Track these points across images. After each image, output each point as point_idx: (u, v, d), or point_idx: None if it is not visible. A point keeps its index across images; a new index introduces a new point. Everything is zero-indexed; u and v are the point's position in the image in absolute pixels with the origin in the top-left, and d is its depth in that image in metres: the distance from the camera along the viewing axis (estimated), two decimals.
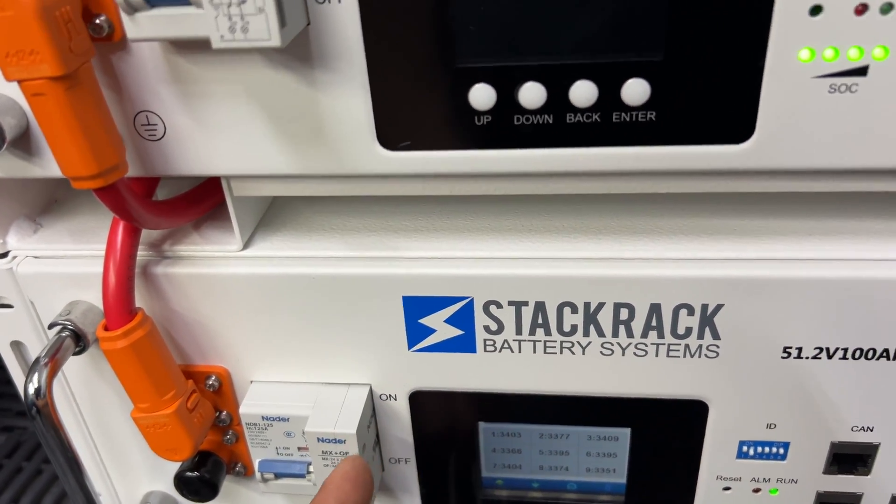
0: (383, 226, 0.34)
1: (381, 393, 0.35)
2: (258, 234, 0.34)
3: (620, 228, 0.32)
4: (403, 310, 0.32)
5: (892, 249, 0.30)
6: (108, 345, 0.31)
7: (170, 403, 0.33)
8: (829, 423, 0.33)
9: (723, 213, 0.33)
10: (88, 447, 0.39)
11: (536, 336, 0.32)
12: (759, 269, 0.30)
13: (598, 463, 0.37)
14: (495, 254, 0.32)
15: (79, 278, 0.33)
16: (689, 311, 0.31)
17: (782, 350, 0.31)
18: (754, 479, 0.35)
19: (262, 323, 0.34)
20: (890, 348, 0.31)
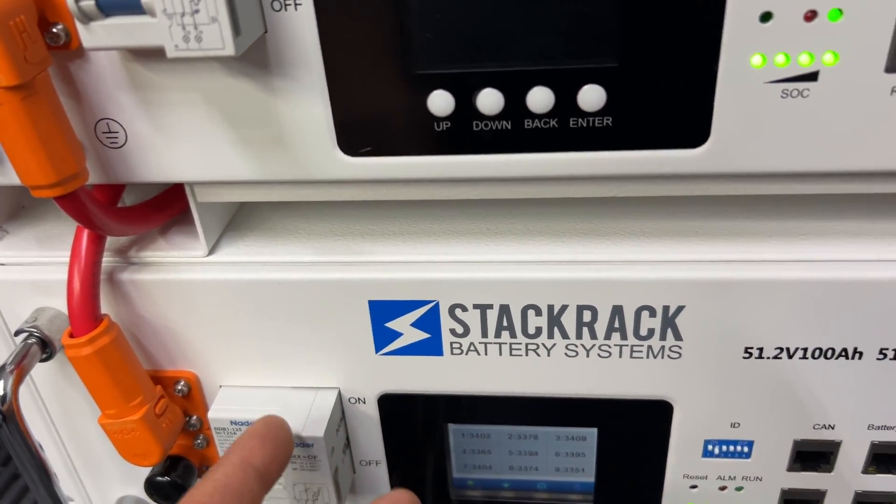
0: (349, 230, 0.34)
1: (349, 396, 0.35)
2: (224, 239, 0.34)
3: (583, 231, 0.33)
4: (370, 314, 0.33)
5: (848, 251, 0.30)
6: (73, 352, 0.31)
7: (137, 409, 0.33)
8: (791, 421, 0.33)
9: (684, 215, 0.33)
10: (60, 453, 0.39)
11: (502, 339, 0.33)
12: (720, 271, 0.30)
13: (566, 463, 0.37)
14: (460, 257, 0.32)
15: (45, 285, 0.33)
16: (650, 312, 0.31)
17: (744, 350, 0.32)
18: (720, 478, 0.36)
19: (229, 328, 0.34)
20: (848, 347, 0.31)
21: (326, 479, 0.34)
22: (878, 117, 0.26)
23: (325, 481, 0.34)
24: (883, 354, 0.31)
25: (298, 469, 0.34)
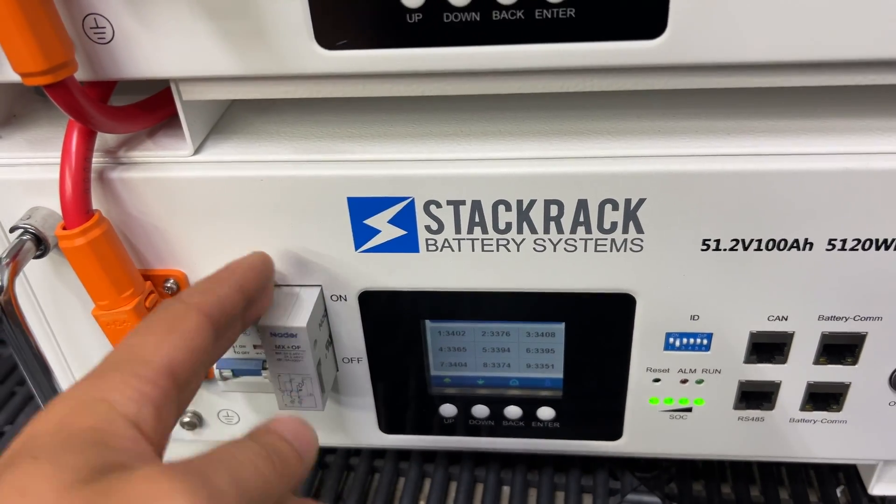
0: (329, 133, 0.36)
1: (331, 294, 0.37)
2: (209, 141, 0.36)
3: (551, 132, 0.34)
4: (349, 211, 0.34)
5: (798, 144, 0.32)
6: (66, 243, 0.33)
7: (128, 301, 0.35)
8: (747, 313, 0.36)
9: (647, 116, 0.35)
10: (54, 350, 0.41)
11: (474, 234, 0.34)
12: (679, 164, 0.32)
13: (536, 359, 0.39)
14: (434, 156, 0.33)
15: (38, 185, 0.35)
16: (613, 206, 0.33)
17: (702, 243, 0.34)
18: (681, 370, 0.38)
19: (214, 226, 0.35)
20: (799, 238, 0.33)
21: (310, 370, 0.36)
22: (840, 4, 0.27)
23: (309, 372, 0.36)
24: (832, 245, 0.33)
25: (283, 359, 0.36)
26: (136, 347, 0.26)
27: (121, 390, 0.24)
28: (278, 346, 0.36)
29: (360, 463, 0.49)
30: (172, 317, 0.28)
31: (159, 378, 0.25)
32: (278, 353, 0.36)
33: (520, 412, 0.41)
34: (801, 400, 0.38)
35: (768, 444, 0.41)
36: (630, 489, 0.46)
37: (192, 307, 0.29)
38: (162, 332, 0.27)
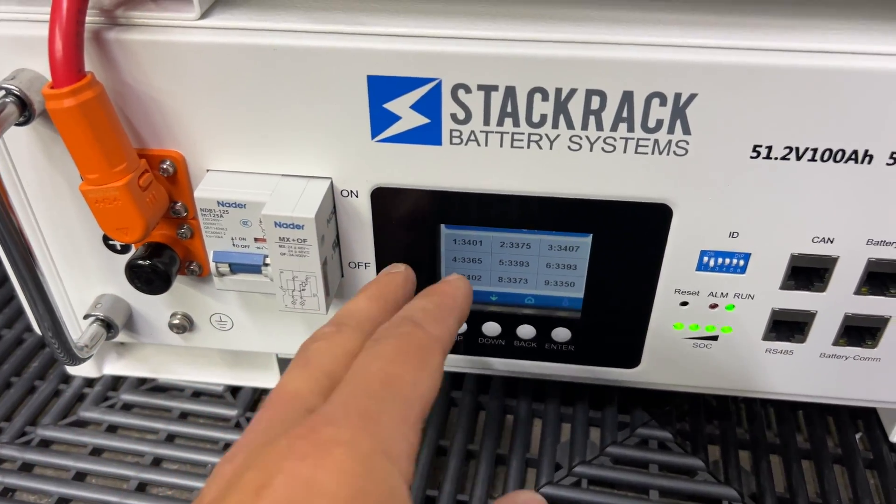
0: (352, 5, 0.32)
1: (342, 189, 0.34)
2: (217, 6, 0.32)
3: (597, 17, 0.31)
4: (368, 92, 0.31)
5: (870, 41, 0.29)
6: (54, 104, 0.29)
7: (120, 176, 0.31)
8: (790, 232, 0.33)
9: (704, 9, 0.31)
10: (39, 246, 0.38)
11: (504, 127, 0.32)
12: (737, 56, 0.29)
13: (557, 275, 0.37)
14: (466, 33, 0.30)
15: (26, 43, 0.32)
16: (661, 100, 0.30)
17: (752, 149, 0.31)
18: (712, 294, 0.36)
19: (218, 102, 0.32)
20: (859, 150, 0.30)
21: (315, 268, 0.34)
22: None
23: (314, 269, 0.34)
24: (893, 159, 0.30)
25: (287, 254, 0.33)
26: (396, 381, 0.23)
27: (397, 442, 0.21)
28: (282, 238, 0.33)
29: None
30: (421, 348, 0.25)
31: (420, 423, 0.23)
32: (282, 246, 0.33)
33: (533, 332, 0.39)
34: (836, 333, 0.36)
35: (794, 380, 0.38)
36: (640, 424, 0.43)
37: (435, 340, 0.26)
38: (417, 364, 0.24)
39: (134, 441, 0.43)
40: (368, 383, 0.23)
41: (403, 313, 0.27)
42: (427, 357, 0.25)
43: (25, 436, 0.44)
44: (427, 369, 0.24)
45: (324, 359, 0.25)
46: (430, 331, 0.26)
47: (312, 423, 0.21)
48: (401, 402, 0.23)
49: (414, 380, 0.24)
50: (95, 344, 0.39)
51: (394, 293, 0.31)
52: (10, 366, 0.48)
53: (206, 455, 0.42)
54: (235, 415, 0.45)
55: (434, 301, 0.29)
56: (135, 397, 0.46)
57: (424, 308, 0.28)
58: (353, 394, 0.22)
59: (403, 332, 0.26)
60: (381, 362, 0.24)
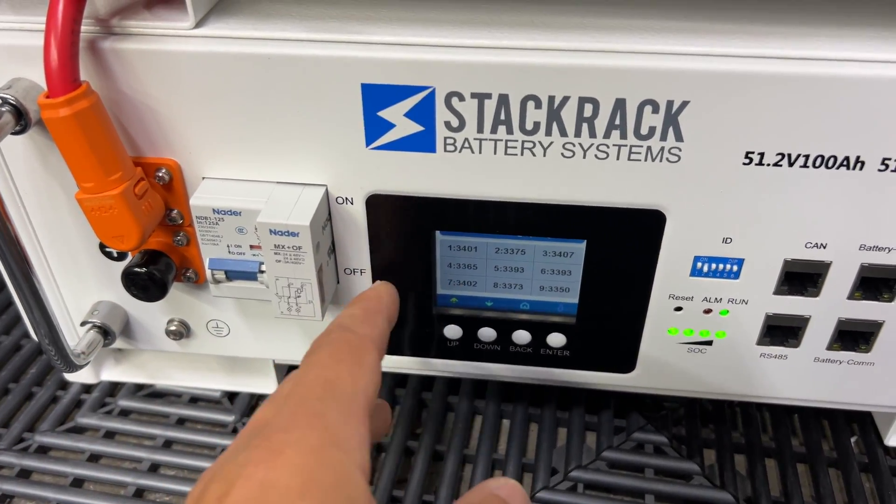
0: (346, 14, 0.32)
1: (337, 196, 0.35)
2: (212, 16, 0.32)
3: (590, 25, 0.31)
4: (362, 100, 0.31)
5: (862, 50, 0.29)
6: (49, 113, 0.30)
7: (116, 184, 0.32)
8: (783, 238, 0.33)
9: (696, 16, 0.32)
10: (36, 253, 0.38)
11: (498, 135, 0.32)
12: (729, 63, 0.29)
13: (552, 281, 0.37)
14: (460, 42, 0.30)
15: (22, 52, 0.32)
16: (653, 108, 0.30)
17: (744, 155, 0.31)
18: (706, 299, 0.36)
19: (214, 111, 0.32)
20: (850, 156, 0.30)
21: (310, 275, 0.34)
22: None
23: (309, 276, 0.34)
24: (885, 165, 0.30)
25: (282, 261, 0.33)
26: (336, 382, 0.25)
27: (346, 435, 0.23)
28: (278, 245, 0.33)
29: None
30: (353, 348, 0.27)
31: (366, 415, 0.24)
32: (277, 253, 0.33)
33: (528, 337, 0.39)
34: (830, 338, 0.36)
35: (788, 384, 0.38)
36: (636, 428, 0.44)
37: (365, 339, 0.27)
38: (351, 363, 0.26)
39: (131, 447, 0.43)
40: (311, 389, 0.24)
41: (332, 323, 0.29)
42: (360, 355, 0.26)
43: (23, 442, 0.44)
44: (363, 366, 0.26)
45: (286, 385, 0.25)
46: (358, 331, 0.28)
47: (266, 433, 0.22)
48: (344, 399, 0.24)
49: (352, 377, 0.25)
50: (92, 351, 0.39)
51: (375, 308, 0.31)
52: (7, 372, 0.48)
53: (203, 461, 0.42)
54: (232, 420, 0.45)
55: (360, 306, 0.30)
56: (132, 403, 0.46)
57: (352, 314, 0.29)
58: (299, 402, 0.23)
59: (334, 337, 0.27)
60: (319, 369, 0.25)
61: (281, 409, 0.23)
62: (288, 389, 0.24)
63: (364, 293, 0.32)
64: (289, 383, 0.25)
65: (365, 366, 0.26)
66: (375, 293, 0.32)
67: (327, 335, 0.27)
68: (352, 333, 0.28)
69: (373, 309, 0.30)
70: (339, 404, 0.24)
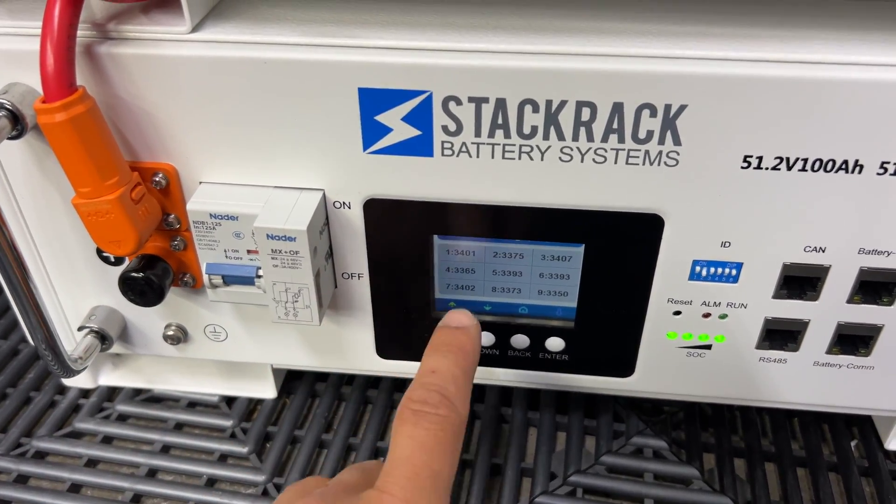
0: (343, 18, 0.32)
1: (334, 200, 0.34)
2: (209, 20, 0.32)
3: (587, 29, 0.31)
4: (359, 104, 0.31)
5: (861, 53, 0.29)
6: (45, 118, 0.30)
7: (113, 189, 0.31)
8: (782, 242, 0.33)
9: (692, 20, 0.32)
10: (33, 258, 0.38)
11: (495, 139, 0.32)
12: (727, 67, 0.29)
13: (550, 285, 0.37)
14: (457, 46, 0.30)
15: (18, 57, 0.32)
16: (651, 111, 0.30)
17: (742, 159, 0.31)
18: (705, 303, 0.36)
19: (210, 115, 0.32)
20: (849, 159, 0.30)
21: (307, 279, 0.34)
22: None
23: (307, 281, 0.34)
24: (884, 169, 0.30)
25: (279, 266, 0.33)
26: (440, 474, 0.27)
27: None
28: (275, 250, 0.33)
29: (353, 392, 0.46)
30: (457, 436, 0.28)
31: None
32: (274, 258, 0.33)
33: (527, 342, 0.39)
34: (829, 342, 0.36)
35: (788, 388, 0.38)
36: (636, 432, 0.43)
37: (464, 421, 0.29)
38: (453, 454, 0.28)
39: (129, 452, 0.43)
40: (421, 481, 0.26)
41: (439, 382, 0.29)
42: (459, 443, 0.28)
43: (21, 447, 0.44)
44: (458, 454, 0.28)
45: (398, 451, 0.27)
46: (461, 412, 0.29)
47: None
48: (443, 492, 0.27)
49: (451, 469, 0.28)
50: (90, 356, 0.39)
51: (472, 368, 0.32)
52: (5, 377, 0.48)
53: (201, 466, 0.42)
54: (230, 425, 0.45)
55: (461, 366, 0.30)
56: (130, 408, 0.46)
57: (455, 378, 0.30)
58: (406, 486, 0.26)
59: (442, 416, 0.28)
60: (426, 455, 0.27)
61: (384, 477, 0.26)
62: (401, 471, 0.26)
63: (458, 338, 0.32)
64: (399, 460, 0.27)
65: (458, 453, 0.28)
66: (471, 343, 0.32)
67: (435, 407, 0.28)
68: (456, 415, 0.28)
69: (470, 370, 0.31)
70: (442, 499, 0.27)
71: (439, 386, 0.29)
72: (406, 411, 0.28)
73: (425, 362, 0.31)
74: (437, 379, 0.29)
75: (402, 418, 0.28)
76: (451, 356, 0.31)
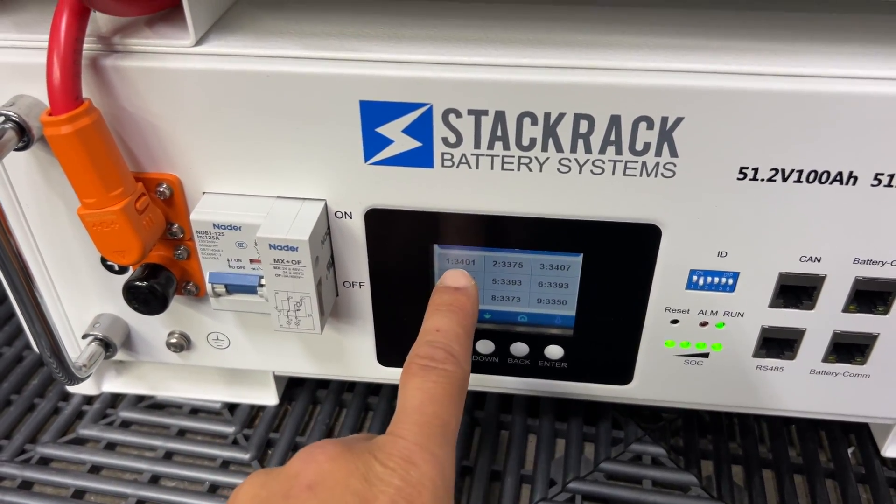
0: (344, 32, 0.33)
1: (336, 210, 0.35)
2: (213, 33, 0.33)
3: (586, 42, 0.32)
4: (361, 116, 0.32)
5: (855, 66, 0.29)
6: (51, 130, 0.30)
7: (117, 200, 0.32)
8: (778, 252, 0.33)
9: (689, 33, 0.32)
10: (38, 266, 0.39)
11: (495, 150, 0.32)
12: (723, 80, 0.29)
13: (549, 294, 0.37)
14: (456, 59, 0.31)
15: (24, 70, 0.32)
16: (648, 124, 0.30)
17: (738, 171, 0.31)
18: (702, 312, 0.36)
19: (214, 127, 0.33)
20: (843, 171, 0.31)
21: (309, 288, 0.34)
22: None
23: (308, 290, 0.34)
24: (878, 180, 0.31)
25: (282, 275, 0.34)
26: (449, 423, 0.28)
27: (453, 474, 0.27)
28: (277, 259, 0.33)
29: (354, 399, 0.47)
30: (462, 387, 0.30)
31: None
32: (277, 267, 0.34)
33: (526, 349, 0.39)
34: (825, 350, 0.37)
35: (784, 396, 0.39)
36: (634, 439, 0.44)
37: (468, 375, 0.30)
38: (459, 403, 0.29)
39: (132, 458, 0.44)
40: (432, 428, 0.27)
41: (444, 340, 0.31)
42: (464, 394, 0.30)
43: (25, 454, 0.44)
44: (462, 407, 0.30)
45: (408, 400, 0.29)
46: (464, 366, 0.30)
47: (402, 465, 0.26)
48: (452, 441, 0.28)
49: (457, 419, 0.29)
50: (94, 363, 0.39)
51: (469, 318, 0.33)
52: (9, 384, 0.49)
53: (203, 472, 0.43)
54: (233, 432, 0.45)
55: (462, 325, 0.32)
56: (133, 414, 0.46)
57: (458, 336, 0.31)
58: (418, 431, 0.27)
59: (450, 370, 0.29)
60: (437, 406, 0.28)
61: (400, 425, 0.27)
62: (412, 419, 0.27)
63: (459, 300, 0.33)
64: (410, 409, 0.28)
65: (462, 407, 0.29)
66: (472, 306, 0.33)
67: (441, 363, 0.29)
68: (461, 369, 0.30)
69: (470, 329, 0.32)
70: (450, 447, 0.28)
71: (444, 343, 0.30)
72: (413, 366, 0.29)
73: (429, 321, 0.32)
74: (442, 337, 0.31)
75: (409, 373, 0.29)
76: (453, 316, 0.32)
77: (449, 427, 0.28)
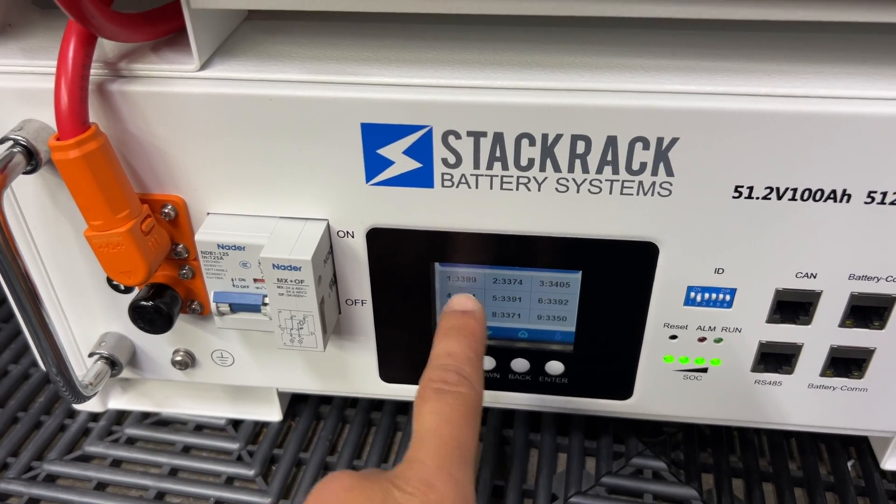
0: (344, 56, 0.33)
1: (338, 229, 0.35)
2: (216, 58, 0.33)
3: (583, 64, 0.32)
4: (362, 138, 0.32)
5: (846, 87, 0.30)
6: (59, 155, 0.31)
7: (124, 222, 0.33)
8: (774, 268, 0.34)
9: (684, 55, 0.33)
10: (45, 286, 0.39)
11: (494, 171, 0.33)
12: (717, 101, 0.30)
13: (549, 310, 0.38)
14: (456, 82, 0.31)
15: (32, 95, 0.33)
16: (644, 144, 0.31)
17: (734, 189, 0.32)
18: (700, 328, 0.36)
19: (218, 149, 0.33)
20: (837, 189, 0.31)
21: (312, 307, 0.35)
22: None
23: (311, 309, 0.35)
24: (871, 198, 0.31)
25: (285, 294, 0.34)
26: (467, 446, 0.28)
27: (472, 495, 0.27)
28: (281, 279, 0.34)
29: (357, 415, 0.47)
30: (477, 411, 0.30)
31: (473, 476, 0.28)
32: (280, 287, 0.34)
33: (527, 365, 0.39)
34: (823, 365, 0.37)
35: (783, 410, 0.39)
36: (635, 453, 0.44)
37: (482, 398, 0.30)
38: (475, 426, 0.29)
39: (138, 475, 0.44)
40: (450, 450, 0.28)
41: (455, 363, 0.31)
42: (479, 417, 0.30)
43: (32, 471, 0.45)
44: (478, 429, 0.30)
45: (424, 425, 0.29)
46: (479, 390, 0.30)
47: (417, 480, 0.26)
48: (470, 463, 0.28)
49: (474, 442, 0.29)
50: (100, 381, 0.40)
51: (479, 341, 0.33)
52: (16, 401, 0.49)
53: (208, 488, 0.43)
54: (237, 448, 0.46)
55: (473, 348, 0.32)
56: (139, 431, 0.47)
57: (469, 360, 0.31)
58: (436, 454, 0.27)
59: (463, 393, 0.29)
60: (453, 428, 0.28)
61: (418, 451, 0.27)
62: (429, 443, 0.28)
63: (468, 324, 0.33)
64: (426, 433, 0.28)
65: (478, 429, 0.29)
66: (481, 330, 0.33)
67: (455, 386, 0.29)
68: (475, 391, 0.30)
69: (481, 352, 0.32)
70: (469, 469, 0.28)
71: (456, 367, 0.30)
72: (427, 391, 0.29)
73: (439, 345, 0.32)
74: (453, 360, 0.31)
75: (423, 397, 0.29)
76: (463, 340, 0.32)
77: (466, 448, 0.28)
